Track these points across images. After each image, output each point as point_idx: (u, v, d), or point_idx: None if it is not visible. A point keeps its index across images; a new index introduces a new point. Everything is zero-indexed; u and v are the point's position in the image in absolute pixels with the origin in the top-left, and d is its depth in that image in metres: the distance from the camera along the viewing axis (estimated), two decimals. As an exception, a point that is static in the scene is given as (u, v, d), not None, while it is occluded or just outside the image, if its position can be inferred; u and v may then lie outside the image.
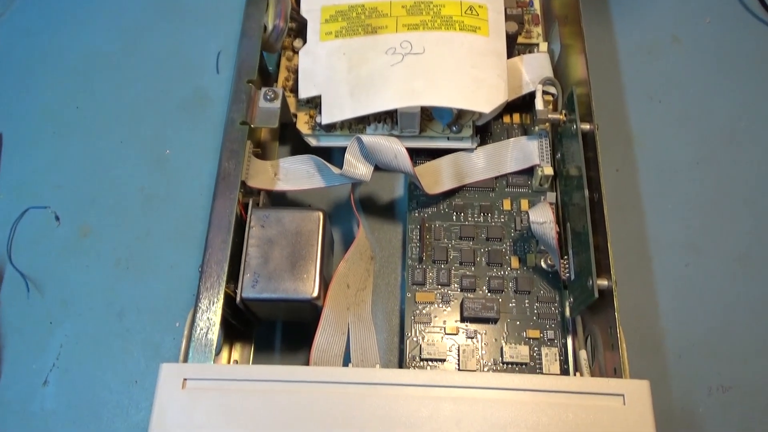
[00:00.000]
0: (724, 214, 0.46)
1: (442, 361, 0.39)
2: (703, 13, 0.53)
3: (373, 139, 0.39)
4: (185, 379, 0.31)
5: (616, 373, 0.34)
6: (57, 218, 0.47)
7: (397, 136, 0.42)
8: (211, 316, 0.35)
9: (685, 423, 0.40)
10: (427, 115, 0.43)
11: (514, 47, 0.46)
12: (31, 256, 0.45)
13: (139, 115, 0.50)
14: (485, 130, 0.46)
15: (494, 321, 0.40)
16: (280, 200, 0.45)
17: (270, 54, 0.46)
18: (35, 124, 0.50)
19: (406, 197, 0.45)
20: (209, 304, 0.35)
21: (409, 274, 0.42)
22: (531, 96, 0.44)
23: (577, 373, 0.38)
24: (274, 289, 0.36)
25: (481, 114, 0.42)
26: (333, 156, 0.45)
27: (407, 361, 0.39)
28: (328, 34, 0.44)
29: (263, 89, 0.42)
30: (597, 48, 0.51)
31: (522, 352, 0.39)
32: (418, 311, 0.41)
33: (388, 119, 0.43)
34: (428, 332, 0.40)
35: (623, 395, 0.31)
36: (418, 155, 0.45)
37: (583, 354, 0.38)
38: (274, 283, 0.36)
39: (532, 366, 0.39)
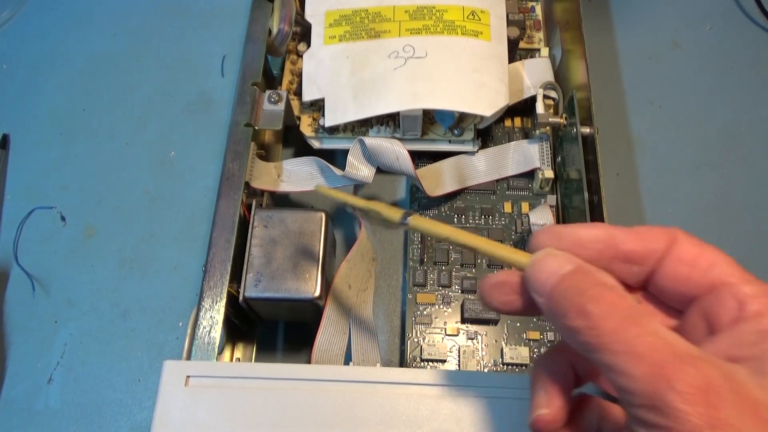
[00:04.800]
0: (724, 218, 0.46)
1: (443, 361, 0.40)
2: (704, 18, 0.54)
3: (376, 141, 0.39)
4: (188, 376, 0.32)
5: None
6: (63, 219, 0.47)
7: (399, 139, 0.42)
8: (214, 315, 0.35)
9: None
10: (429, 118, 0.44)
11: (515, 52, 0.47)
12: (36, 256, 0.46)
13: (145, 117, 0.51)
14: (486, 134, 0.46)
15: (494, 322, 0.40)
16: (283, 201, 0.46)
17: (274, 57, 0.47)
18: (42, 125, 0.51)
19: (408, 199, 0.45)
20: (212, 303, 0.36)
21: (410, 275, 0.42)
22: (532, 100, 0.44)
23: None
24: (277, 288, 0.37)
25: (482, 117, 0.42)
26: (336, 158, 0.45)
27: (408, 361, 0.40)
28: (332, 38, 0.44)
29: (267, 92, 0.43)
30: (598, 53, 0.51)
31: (522, 354, 0.39)
32: (419, 312, 0.41)
33: (391, 122, 0.44)
34: (429, 333, 0.40)
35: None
36: (419, 158, 0.45)
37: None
38: (277, 282, 0.37)
39: (532, 367, 0.39)
